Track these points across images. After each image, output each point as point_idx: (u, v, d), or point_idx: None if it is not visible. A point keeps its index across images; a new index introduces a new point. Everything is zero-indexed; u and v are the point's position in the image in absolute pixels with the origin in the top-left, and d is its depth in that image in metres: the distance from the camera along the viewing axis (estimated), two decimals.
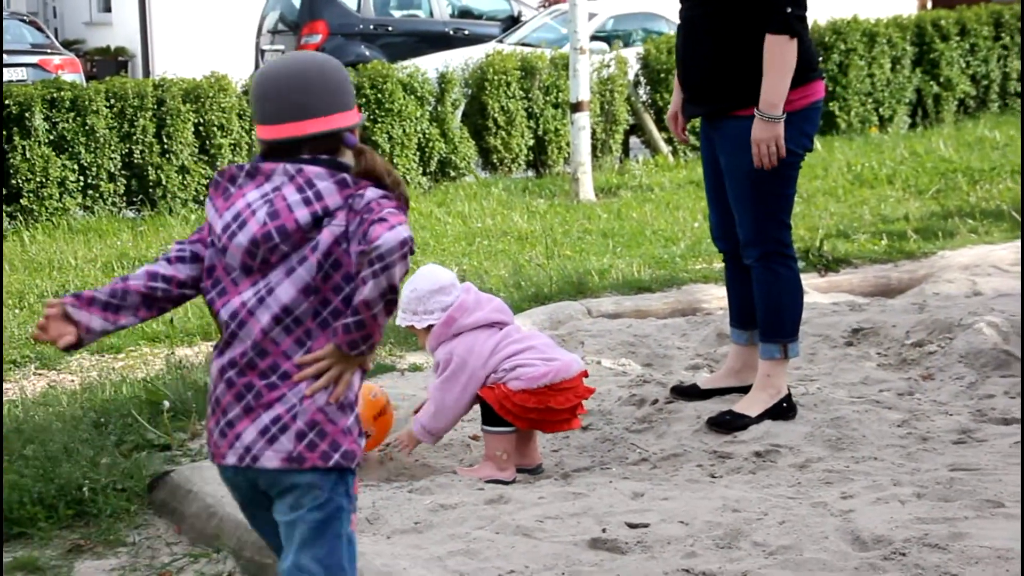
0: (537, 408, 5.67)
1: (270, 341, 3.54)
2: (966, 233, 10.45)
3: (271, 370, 3.55)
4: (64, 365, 8.57)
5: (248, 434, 3.56)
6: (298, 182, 3.55)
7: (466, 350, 5.70)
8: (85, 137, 13.82)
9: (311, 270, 3.53)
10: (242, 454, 3.56)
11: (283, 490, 3.58)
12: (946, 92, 18.42)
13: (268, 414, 3.54)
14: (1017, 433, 6.00)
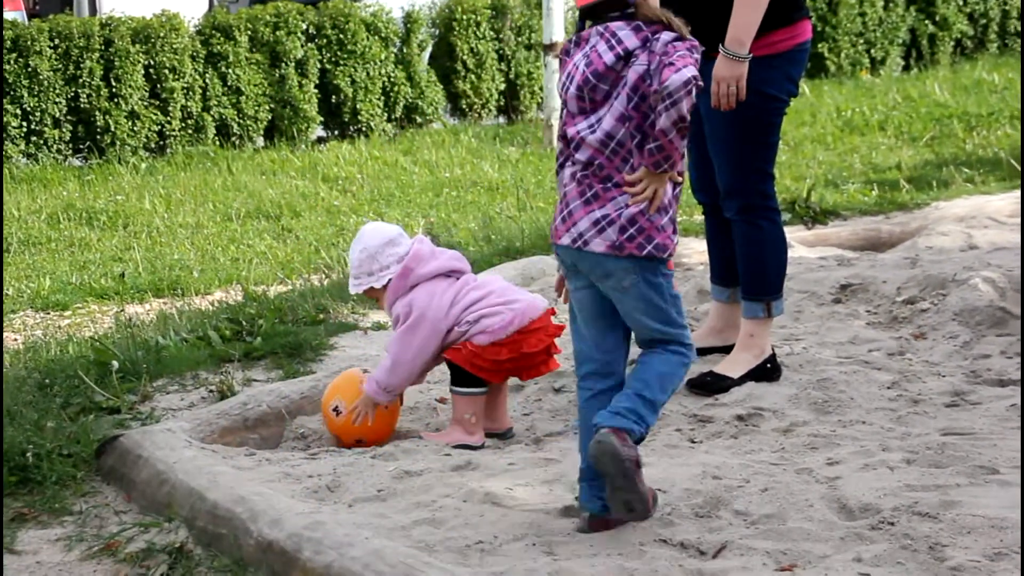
0: (512, 358, 5.68)
1: (604, 158, 4.67)
2: (961, 183, 10.47)
3: (607, 179, 4.67)
4: (7, 322, 8.54)
5: (583, 223, 4.69)
6: (606, 36, 4.71)
7: (425, 301, 5.69)
8: (27, 80, 13.76)
9: (623, 102, 4.64)
10: (575, 238, 4.70)
11: (603, 274, 4.70)
12: (942, 32, 18.43)
13: (600, 210, 4.67)
14: (1014, 395, 6.02)
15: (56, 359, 6.75)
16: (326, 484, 5.12)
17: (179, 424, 5.74)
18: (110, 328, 7.63)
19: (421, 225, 10.15)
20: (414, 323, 5.68)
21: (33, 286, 9.29)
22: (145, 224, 11.20)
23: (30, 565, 4.84)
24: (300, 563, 4.46)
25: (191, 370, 6.48)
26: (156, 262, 9.85)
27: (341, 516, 4.70)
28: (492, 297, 5.72)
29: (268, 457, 5.55)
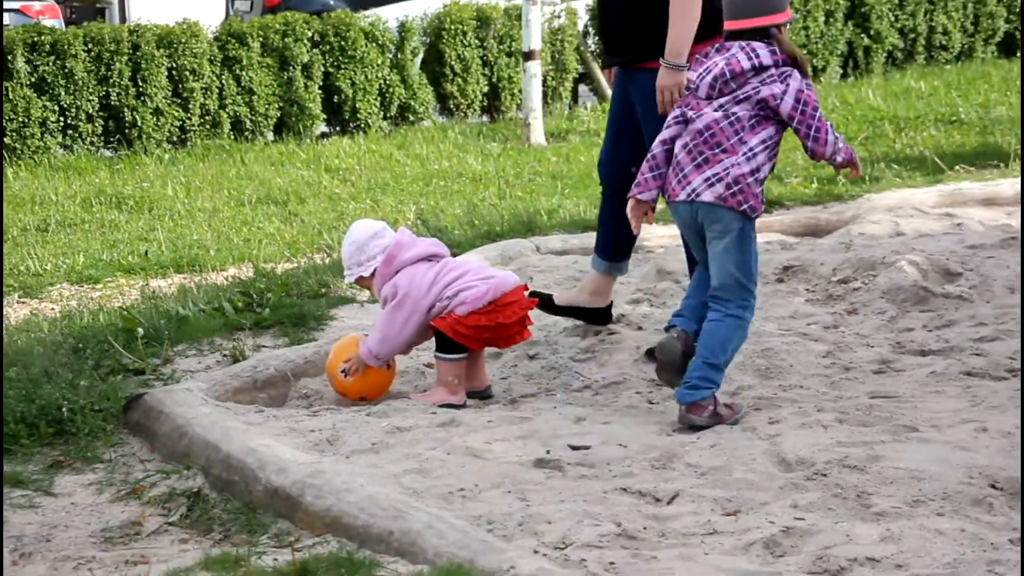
0: (489, 326, 5.68)
1: (719, 129, 5.36)
2: (891, 177, 10.47)
3: (716, 145, 5.35)
4: (45, 294, 8.54)
5: (696, 180, 5.37)
6: (746, 49, 5.42)
7: (408, 282, 5.71)
8: (64, 80, 13.73)
9: (746, 100, 5.38)
10: (689, 192, 5.38)
11: (711, 221, 5.36)
12: (876, 45, 18.43)
13: (711, 170, 5.35)
14: (934, 364, 6.03)
15: (88, 326, 6.74)
16: (326, 438, 5.12)
17: (196, 384, 5.74)
18: (136, 299, 7.62)
19: (413, 211, 10.15)
20: (399, 302, 5.71)
21: (69, 262, 9.26)
22: (167, 208, 11.18)
23: (66, 506, 4.85)
24: (303, 506, 4.47)
25: (207, 337, 6.48)
26: (177, 242, 9.83)
27: (339, 466, 4.71)
28: (469, 275, 5.74)
29: (275, 414, 5.55)
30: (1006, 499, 4.32)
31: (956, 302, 6.91)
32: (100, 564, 4.33)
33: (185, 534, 4.60)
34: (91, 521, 4.73)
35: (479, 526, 4.19)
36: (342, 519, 4.32)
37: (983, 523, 4.15)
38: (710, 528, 4.19)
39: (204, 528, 4.63)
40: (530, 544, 4.06)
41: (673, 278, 7.59)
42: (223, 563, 4.13)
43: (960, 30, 19.12)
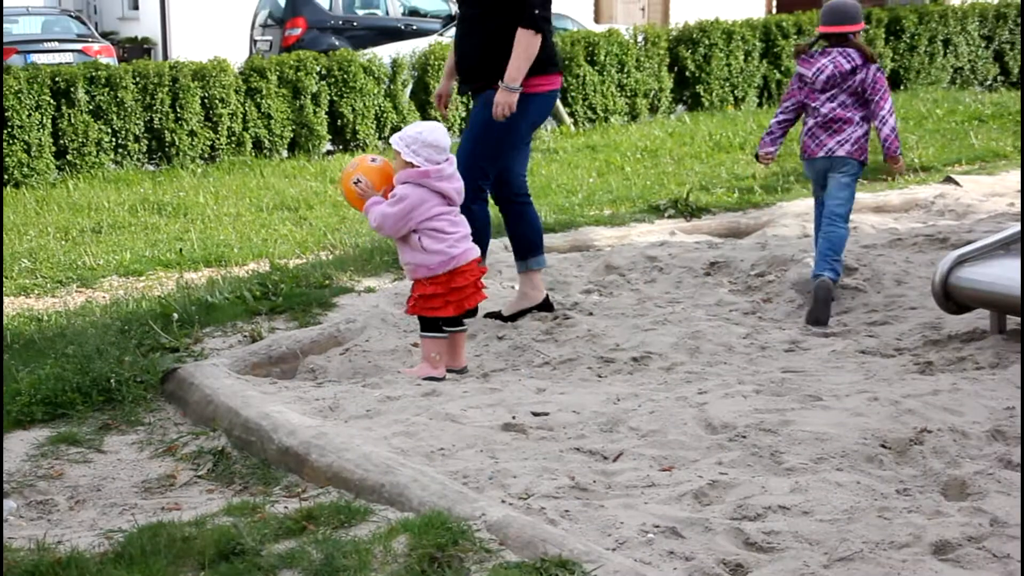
0: (444, 293, 5.56)
1: (838, 113, 6.73)
2: (799, 188, 10.46)
3: (839, 119, 6.72)
4: (98, 284, 8.47)
5: (829, 142, 6.76)
6: (844, 53, 6.77)
7: (414, 200, 5.49)
8: (116, 107, 13.66)
9: (849, 89, 6.72)
10: (826, 152, 6.76)
11: (838, 169, 6.74)
12: (786, 78, 18.40)
13: (841, 136, 6.73)
14: (834, 344, 6.02)
15: (133, 311, 6.69)
16: (328, 405, 5.07)
17: (221, 360, 5.70)
18: (172, 289, 7.55)
19: None
20: (401, 211, 5.50)
21: (118, 258, 9.19)
22: (199, 213, 11.09)
23: (113, 461, 4.84)
24: (309, 463, 4.42)
25: (231, 321, 6.43)
26: (207, 241, 9.75)
27: (339, 429, 4.67)
28: (448, 235, 5.55)
29: (286, 385, 5.50)
30: (893, 457, 4.30)
31: (852, 292, 6.90)
32: (141, 510, 4.31)
33: (211, 485, 4.57)
34: (133, 474, 4.72)
35: (456, 480, 4.15)
36: (341, 473, 4.27)
37: (875, 477, 4.13)
38: (649, 481, 4.15)
39: (227, 480, 4.59)
40: (498, 495, 4.02)
41: (619, 272, 7.55)
42: (242, 509, 4.10)
43: None
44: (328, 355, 6.00)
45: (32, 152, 13.06)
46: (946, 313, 6.00)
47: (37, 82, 13.17)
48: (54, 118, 13.31)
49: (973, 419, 4.56)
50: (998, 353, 5.53)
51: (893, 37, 19.52)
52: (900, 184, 10.42)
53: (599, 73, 16.61)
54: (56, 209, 11.42)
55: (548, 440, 4.59)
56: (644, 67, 17.06)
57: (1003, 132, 13.63)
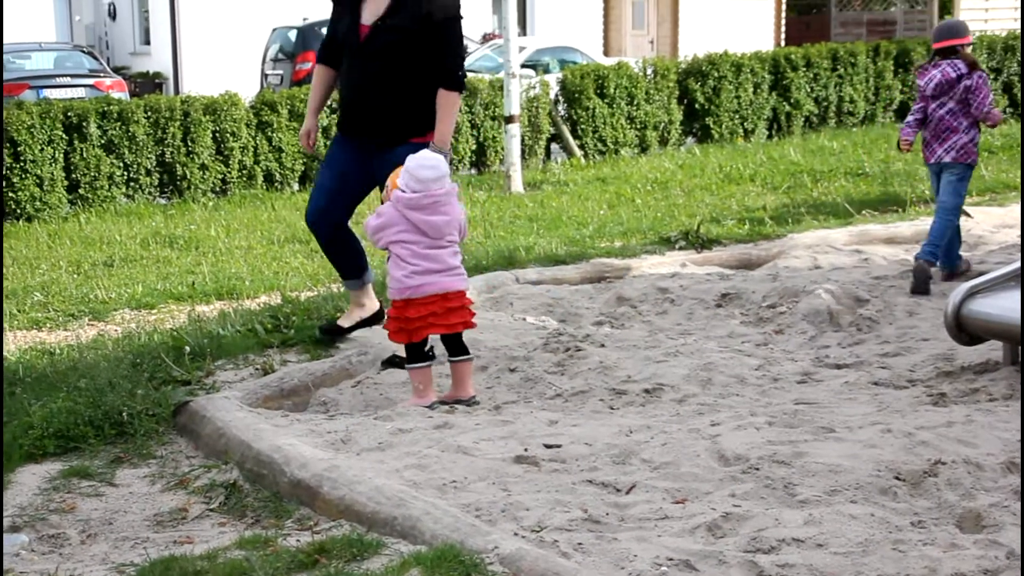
0: (398, 317, 5.64)
1: (949, 118, 7.84)
2: (810, 220, 10.46)
3: (948, 127, 7.82)
4: (110, 318, 8.48)
5: (939, 149, 7.91)
6: (952, 63, 7.85)
7: (387, 223, 5.64)
8: (128, 141, 13.70)
9: (956, 96, 7.82)
10: (935, 159, 7.92)
11: (948, 172, 7.86)
12: (795, 111, 18.45)
13: (947, 143, 7.85)
14: (847, 375, 6.00)
15: (145, 344, 6.69)
16: (340, 438, 5.06)
17: (233, 393, 5.69)
18: (184, 322, 7.55)
19: None
20: (373, 220, 5.70)
21: (129, 291, 9.20)
22: (211, 246, 11.11)
23: (125, 494, 4.82)
24: (321, 495, 4.41)
25: (242, 353, 6.43)
26: (218, 274, 9.76)
27: (351, 461, 4.66)
28: (406, 265, 5.62)
29: (298, 418, 5.49)
30: (908, 489, 4.28)
31: (865, 324, 6.88)
32: (153, 544, 4.31)
33: (223, 519, 4.56)
34: (146, 507, 4.70)
35: (468, 512, 4.14)
36: (353, 506, 4.26)
37: (889, 509, 4.11)
38: (662, 514, 4.13)
39: (239, 513, 4.58)
40: (511, 527, 4.01)
41: (630, 303, 7.55)
42: (254, 543, 4.09)
43: (864, 99, 19.16)
44: (340, 388, 6.00)
45: (44, 186, 13.09)
46: (959, 344, 5.98)
47: (50, 117, 13.22)
48: (66, 152, 13.35)
49: (987, 451, 4.54)
50: (1011, 384, 5.51)
51: (902, 69, 19.55)
52: (911, 215, 10.41)
53: (609, 106, 16.64)
54: (68, 243, 11.44)
55: (560, 472, 4.57)
56: (654, 100, 17.10)
57: (1013, 164, 13.63)
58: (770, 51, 18.99)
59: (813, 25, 34.89)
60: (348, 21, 6.21)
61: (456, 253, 5.73)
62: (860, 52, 19.11)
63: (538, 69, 18.84)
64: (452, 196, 5.68)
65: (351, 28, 6.20)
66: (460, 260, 5.75)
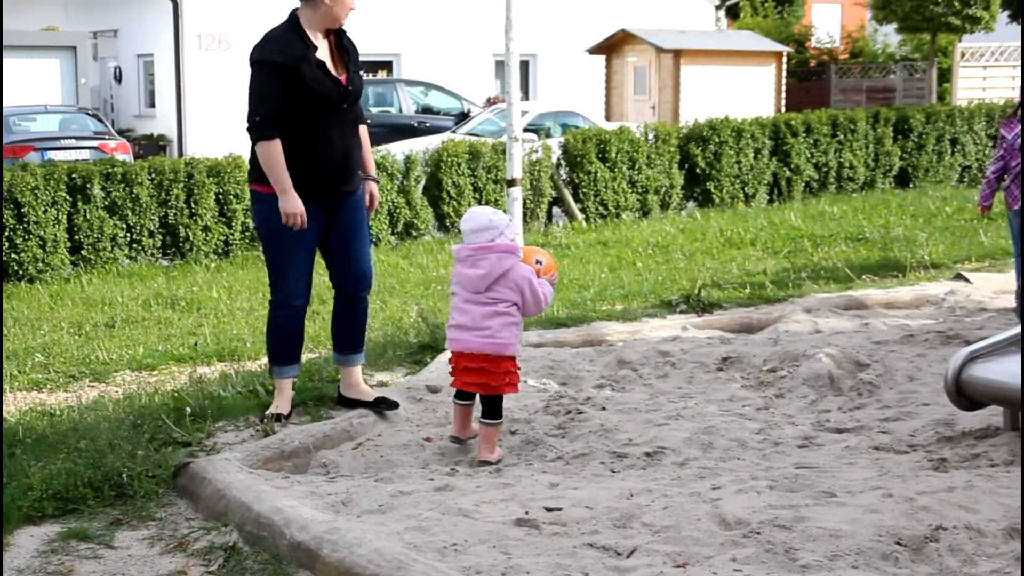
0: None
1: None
2: (810, 284, 10.48)
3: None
4: (111, 379, 8.47)
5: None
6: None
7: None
8: (132, 203, 13.76)
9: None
10: (1019, 205, 7.94)
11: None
12: (795, 176, 18.54)
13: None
14: (848, 440, 5.99)
15: (145, 406, 6.68)
16: (341, 500, 5.05)
17: (234, 455, 5.68)
18: (185, 383, 7.55)
19: (415, 310, 10.08)
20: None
21: (131, 352, 9.20)
22: (213, 308, 11.13)
23: (123, 557, 4.80)
24: (321, 558, 4.39)
25: (243, 415, 6.42)
26: (220, 336, 9.77)
27: (351, 524, 4.64)
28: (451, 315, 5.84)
29: (298, 480, 5.48)
30: (909, 554, 4.27)
31: (865, 388, 6.88)
32: None
33: None
34: (144, 570, 4.67)
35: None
36: (353, 569, 4.24)
37: (890, 574, 4.10)
38: None
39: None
40: None
41: (631, 367, 7.55)
42: None
43: (864, 165, 19.25)
44: (340, 449, 5.99)
45: (47, 247, 13.13)
46: (959, 410, 5.97)
47: (53, 178, 13.28)
48: (70, 214, 13.40)
49: (989, 517, 4.53)
50: (1012, 450, 5.50)
51: (901, 136, 19.67)
52: (911, 280, 10.43)
53: (610, 170, 16.73)
54: (70, 304, 11.46)
55: (561, 536, 4.56)
56: (655, 164, 17.18)
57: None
58: (770, 117, 19.11)
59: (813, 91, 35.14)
60: (329, 83, 6.11)
61: (499, 315, 5.72)
62: (860, 118, 19.23)
63: (540, 133, 18.94)
64: (494, 252, 5.72)
65: (335, 87, 6.14)
66: (505, 323, 5.72)
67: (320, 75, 6.07)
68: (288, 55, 5.98)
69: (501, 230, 5.77)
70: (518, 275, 5.75)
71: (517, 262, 5.78)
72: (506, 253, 5.74)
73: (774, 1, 39.61)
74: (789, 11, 39.91)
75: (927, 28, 27.68)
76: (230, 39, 27.24)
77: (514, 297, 5.74)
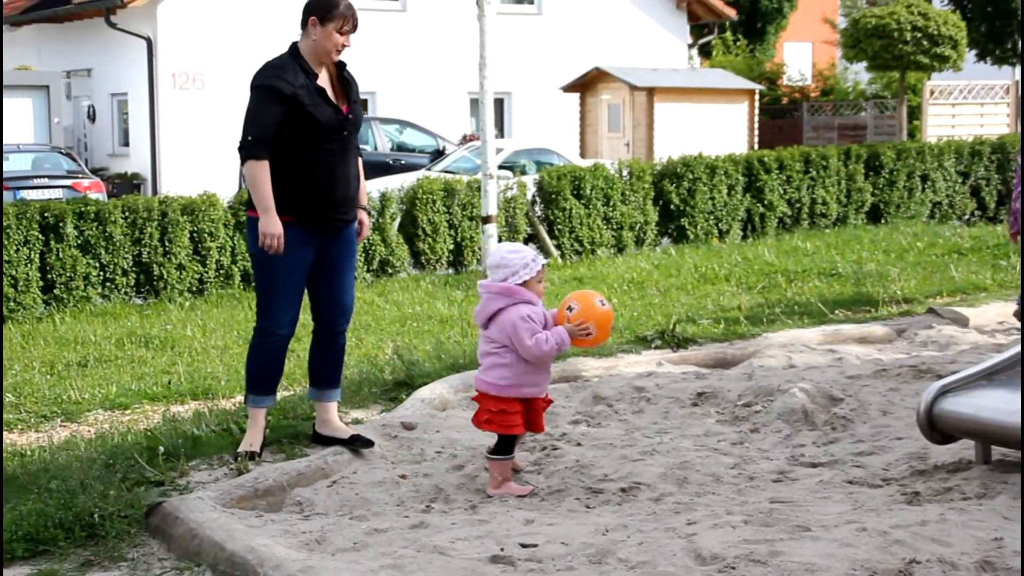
0: None
1: None
2: (784, 320, 10.52)
3: None
4: (83, 419, 8.43)
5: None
6: None
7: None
8: (105, 241, 13.73)
9: None
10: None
11: None
12: (769, 212, 18.64)
13: None
14: (822, 474, 6.00)
15: (118, 445, 6.64)
16: (315, 538, 5.03)
17: (207, 493, 5.64)
18: (159, 422, 7.52)
19: (390, 346, 10.07)
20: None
21: (103, 392, 9.16)
22: (187, 346, 11.10)
23: None
24: None
25: (217, 453, 6.38)
26: (194, 374, 9.74)
27: (326, 562, 4.62)
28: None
29: (272, 518, 5.45)
30: None
31: (839, 422, 6.89)
32: None
33: None
34: None
35: None
36: None
37: None
38: None
39: None
40: None
41: (606, 402, 7.54)
42: None
43: (836, 201, 19.38)
44: (315, 487, 5.96)
45: (19, 287, 13.08)
46: (932, 443, 5.99)
47: (26, 217, 13.25)
48: (42, 253, 13.37)
49: (961, 550, 4.54)
50: (984, 483, 5.52)
51: (873, 172, 19.81)
52: (883, 315, 10.49)
53: (585, 206, 16.78)
54: (42, 343, 11.41)
55: (537, 572, 4.54)
56: (630, 200, 17.25)
57: (982, 265, 13.77)
58: (744, 154, 19.25)
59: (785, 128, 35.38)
60: (329, 110, 6.15)
61: (489, 354, 5.75)
62: (832, 155, 19.37)
63: (515, 170, 19.01)
64: (489, 292, 5.76)
65: (336, 116, 6.19)
66: (494, 364, 5.73)
67: (320, 101, 6.12)
68: (287, 81, 6.03)
69: (515, 270, 5.71)
70: (506, 319, 5.72)
71: (510, 305, 5.71)
72: (498, 295, 5.72)
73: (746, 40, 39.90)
74: (761, 49, 40.21)
75: (896, 66, 27.92)
76: (204, 78, 27.26)
77: (503, 339, 5.70)
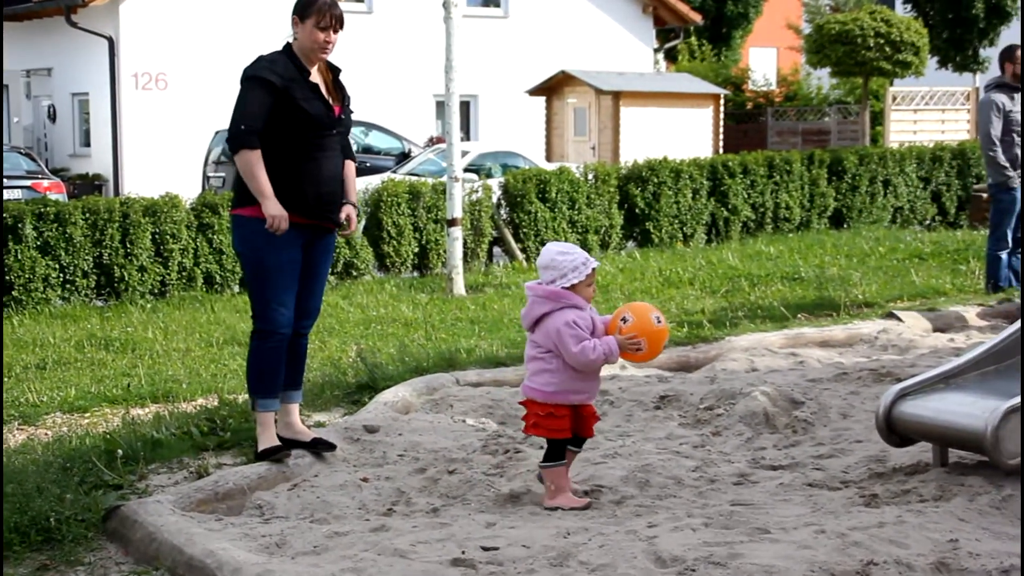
0: None
1: None
2: (747, 323, 10.54)
3: None
4: (41, 422, 8.37)
5: None
6: None
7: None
8: (65, 243, 13.66)
9: None
10: None
11: None
12: (733, 216, 18.71)
13: None
14: (782, 477, 6.04)
15: (76, 448, 6.58)
16: (275, 542, 5.02)
17: (166, 497, 5.62)
18: (118, 425, 7.46)
19: (354, 349, 10.05)
20: None
21: (62, 394, 9.11)
22: (148, 349, 11.04)
23: None
24: None
25: (177, 457, 6.35)
26: (155, 377, 9.69)
27: (286, 566, 4.61)
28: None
29: (232, 521, 5.43)
30: None
31: (800, 425, 6.93)
32: None
33: None
34: None
35: None
36: None
37: None
38: None
39: None
40: None
41: None
42: None
43: (799, 206, 19.47)
44: (276, 491, 5.94)
45: None
46: (890, 446, 6.04)
47: None
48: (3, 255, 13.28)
49: (918, 552, 4.58)
50: (941, 485, 5.56)
51: (835, 177, 19.92)
52: (844, 319, 10.55)
53: (550, 210, 16.81)
54: None
55: (498, 575, 4.55)
56: (595, 204, 17.29)
57: (942, 270, 13.87)
58: (708, 158, 19.31)
59: (750, 133, 35.50)
60: (321, 105, 6.13)
61: (535, 359, 5.62)
62: (795, 160, 19.46)
63: (481, 173, 19.03)
64: (534, 295, 5.59)
65: (327, 112, 6.18)
66: (539, 369, 5.60)
67: (312, 96, 6.10)
68: (279, 75, 6.01)
69: (563, 272, 5.49)
70: (551, 325, 5.52)
71: (556, 310, 5.51)
72: (544, 299, 5.53)
73: (712, 45, 40.04)
74: (726, 54, 40.36)
75: (860, 72, 28.08)
76: (167, 78, 27.14)
77: (549, 345, 5.56)
